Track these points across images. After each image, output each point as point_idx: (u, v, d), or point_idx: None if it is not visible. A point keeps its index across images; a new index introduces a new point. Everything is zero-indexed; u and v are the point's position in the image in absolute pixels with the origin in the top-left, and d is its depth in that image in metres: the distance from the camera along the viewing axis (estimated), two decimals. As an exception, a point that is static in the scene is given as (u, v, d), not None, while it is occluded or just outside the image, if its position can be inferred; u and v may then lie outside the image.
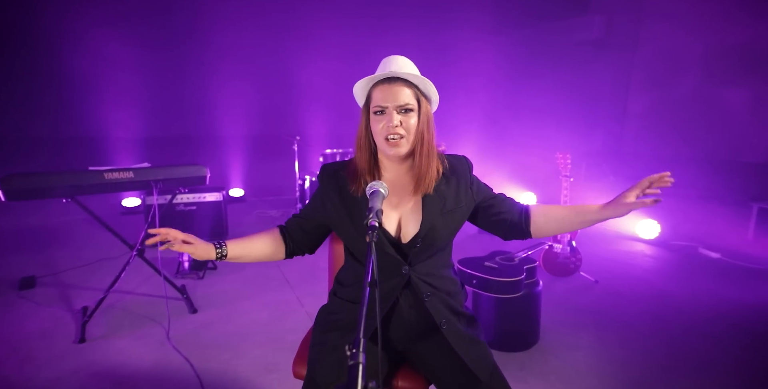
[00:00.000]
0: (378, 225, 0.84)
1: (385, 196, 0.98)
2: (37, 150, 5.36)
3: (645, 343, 2.42)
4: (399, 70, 1.07)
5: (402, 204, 1.14)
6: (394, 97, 1.06)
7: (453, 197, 1.15)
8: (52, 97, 5.83)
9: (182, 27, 6.48)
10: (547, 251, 3.30)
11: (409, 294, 1.13)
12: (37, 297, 2.85)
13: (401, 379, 1.17)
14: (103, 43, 6.01)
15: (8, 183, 1.93)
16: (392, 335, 1.16)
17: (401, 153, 1.08)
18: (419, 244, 1.10)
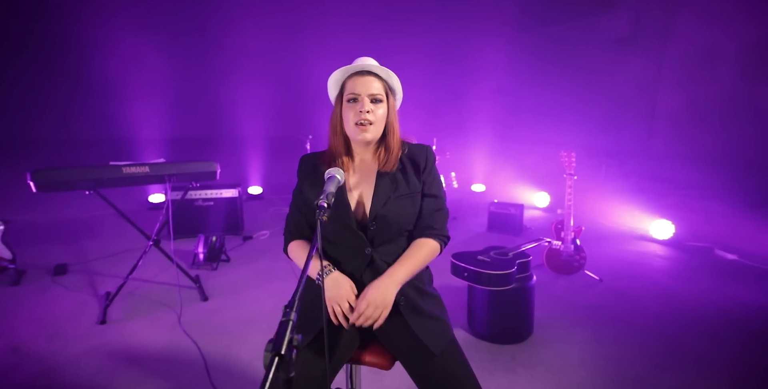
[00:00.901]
0: (328, 206, 0.93)
1: (341, 182, 1.08)
2: (69, 149, 5.74)
3: (642, 341, 2.43)
4: (376, 66, 1.21)
5: (366, 188, 1.25)
6: (366, 87, 1.19)
7: (405, 183, 1.25)
8: (83, 100, 6.24)
9: (205, 33, 6.81)
10: (550, 249, 3.31)
11: (372, 273, 1.22)
12: (67, 283, 3.10)
13: (369, 355, 1.26)
14: (132, 49, 6.39)
15: (38, 176, 2.15)
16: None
17: (367, 138, 1.20)
18: (373, 227, 1.20)
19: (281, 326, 0.67)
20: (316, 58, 7.38)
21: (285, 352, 0.63)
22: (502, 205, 4.44)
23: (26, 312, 2.67)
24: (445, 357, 1.18)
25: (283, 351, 0.63)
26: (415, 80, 7.49)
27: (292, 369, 0.65)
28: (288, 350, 0.64)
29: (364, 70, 1.21)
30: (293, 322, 0.68)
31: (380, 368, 1.27)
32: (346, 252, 1.23)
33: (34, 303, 2.80)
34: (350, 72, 1.22)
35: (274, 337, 0.65)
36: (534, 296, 2.45)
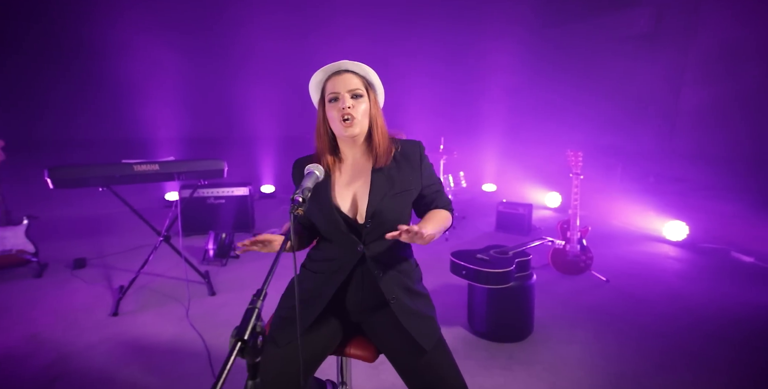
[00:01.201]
0: (303, 201, 0.97)
1: (319, 178, 1.11)
2: (87, 149, 5.95)
3: (644, 341, 2.40)
4: (354, 64, 1.23)
5: (358, 186, 1.27)
6: (345, 84, 1.21)
7: (401, 181, 1.27)
8: (101, 100, 6.48)
9: (217, 34, 6.97)
10: (556, 249, 3.29)
11: (363, 270, 1.25)
12: (85, 276, 3.25)
13: (353, 347, 1.30)
14: (147, 50, 6.59)
15: (55, 173, 2.27)
16: (347, 306, 1.29)
17: (354, 132, 1.21)
18: (369, 224, 1.22)
19: (247, 313, 0.71)
20: (328, 58, 7.46)
21: (248, 338, 0.68)
22: (510, 205, 4.42)
23: (46, 303, 2.81)
24: (434, 354, 1.20)
25: (246, 336, 0.68)
26: (424, 80, 7.50)
27: (257, 354, 0.70)
28: (252, 336, 0.68)
29: (341, 69, 1.24)
30: (258, 310, 0.73)
31: (364, 360, 1.31)
32: (338, 249, 1.26)
33: (54, 294, 2.94)
34: (328, 73, 1.25)
35: (239, 324, 0.70)
36: (534, 295, 2.45)
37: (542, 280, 3.28)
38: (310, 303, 1.24)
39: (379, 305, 1.27)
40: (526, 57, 7.33)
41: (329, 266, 1.26)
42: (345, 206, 1.25)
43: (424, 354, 1.19)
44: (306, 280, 1.30)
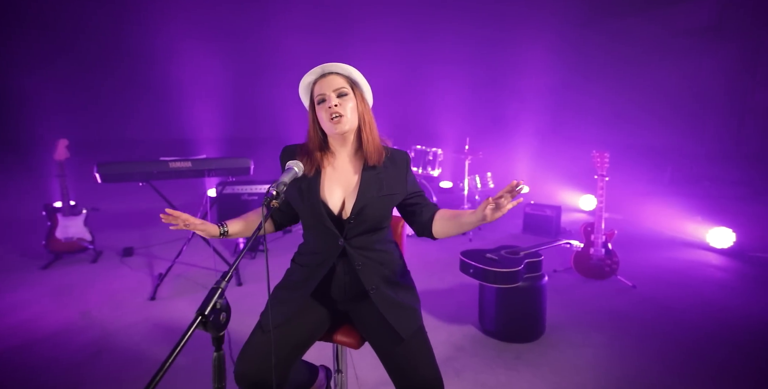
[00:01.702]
0: (277, 194, 1.06)
1: (297, 174, 1.20)
2: (137, 147, 6.49)
3: (666, 350, 2.32)
4: (338, 66, 1.30)
5: (347, 184, 1.34)
6: (329, 85, 1.28)
7: (389, 184, 1.33)
8: (147, 102, 7.06)
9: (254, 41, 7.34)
10: (579, 252, 3.22)
11: (345, 262, 1.34)
12: (131, 263, 3.58)
13: (340, 334, 1.40)
14: (190, 56, 7.07)
15: (102, 168, 2.56)
16: (333, 295, 1.38)
17: (344, 129, 1.28)
18: (353, 221, 1.30)
19: (210, 292, 0.83)
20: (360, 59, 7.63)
21: (209, 313, 0.79)
22: (538, 207, 4.34)
23: (98, 285, 3.14)
24: (412, 343, 1.27)
25: (207, 312, 0.79)
26: (450, 80, 7.44)
27: (219, 329, 0.81)
28: (213, 312, 0.80)
29: (325, 72, 1.31)
30: (222, 290, 0.84)
31: (350, 347, 1.40)
32: (320, 241, 1.35)
33: (104, 278, 3.28)
34: (314, 77, 1.32)
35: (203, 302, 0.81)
36: (545, 296, 2.43)
37: (563, 283, 3.22)
38: (295, 293, 1.34)
39: (362, 295, 1.35)
40: (563, 55, 7.08)
41: (314, 259, 1.36)
42: (332, 201, 1.32)
43: (401, 342, 1.26)
44: (294, 273, 1.41)
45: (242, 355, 1.22)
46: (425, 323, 1.38)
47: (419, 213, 1.37)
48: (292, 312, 1.30)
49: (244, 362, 1.20)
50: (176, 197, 3.12)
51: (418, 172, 4.33)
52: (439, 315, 2.72)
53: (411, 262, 3.91)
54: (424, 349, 1.29)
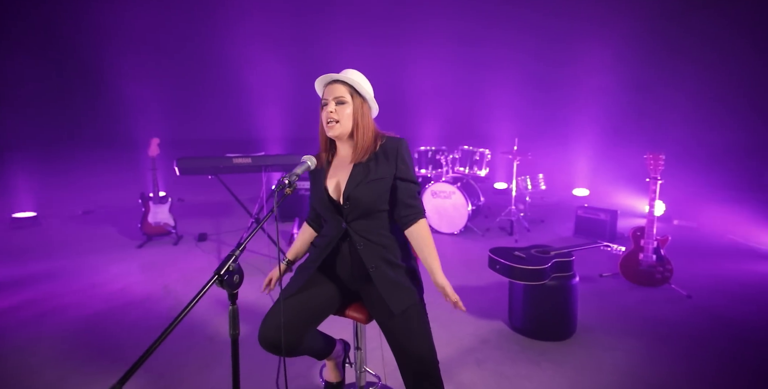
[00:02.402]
0: (289, 183, 1.28)
1: (310, 167, 1.41)
2: (213, 146, 7.24)
3: (712, 361, 2.21)
4: (341, 75, 1.48)
5: (344, 174, 1.52)
6: (331, 93, 1.47)
7: (376, 170, 1.48)
8: (225, 105, 7.87)
9: (318, 45, 7.80)
10: (627, 257, 3.10)
11: (348, 244, 1.52)
12: (204, 247, 4.10)
13: (351, 310, 1.59)
14: (260, 62, 7.73)
15: (180, 163, 3.02)
16: (340, 274, 1.57)
17: (335, 134, 1.47)
18: (347, 205, 1.47)
19: (226, 258, 1.06)
20: (413, 60, 7.78)
21: (223, 273, 1.03)
22: (591, 210, 4.18)
23: (178, 264, 3.67)
24: (405, 318, 1.43)
25: (222, 272, 1.02)
26: (503, 80, 7.25)
27: (233, 288, 1.04)
28: (227, 273, 1.03)
29: (331, 80, 1.49)
30: (236, 256, 1.07)
31: (359, 321, 1.59)
32: (329, 226, 1.56)
33: (183, 258, 3.81)
34: (324, 83, 1.51)
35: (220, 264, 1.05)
36: (575, 296, 2.42)
37: (607, 288, 3.13)
38: (307, 269, 1.56)
39: (367, 274, 1.52)
40: (630, 51, 6.60)
41: (323, 241, 1.57)
42: (332, 190, 1.52)
43: (393, 317, 1.42)
44: (311, 254, 1.63)
45: (264, 321, 1.46)
46: (451, 316, 1.52)
47: (397, 202, 1.51)
48: (302, 284, 1.51)
49: (265, 327, 1.44)
50: (242, 191, 3.54)
51: (465, 172, 4.39)
52: (470, 309, 2.81)
53: (452, 259, 4.02)
54: (418, 325, 1.44)
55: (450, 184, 4.16)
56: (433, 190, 4.27)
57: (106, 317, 2.75)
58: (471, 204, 4.14)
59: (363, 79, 1.52)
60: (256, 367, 2.19)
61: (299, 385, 2.08)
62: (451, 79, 7.58)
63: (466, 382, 2.07)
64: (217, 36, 7.87)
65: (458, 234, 4.30)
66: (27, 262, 3.71)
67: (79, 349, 2.38)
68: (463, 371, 2.16)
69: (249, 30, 7.83)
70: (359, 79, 1.51)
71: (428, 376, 1.43)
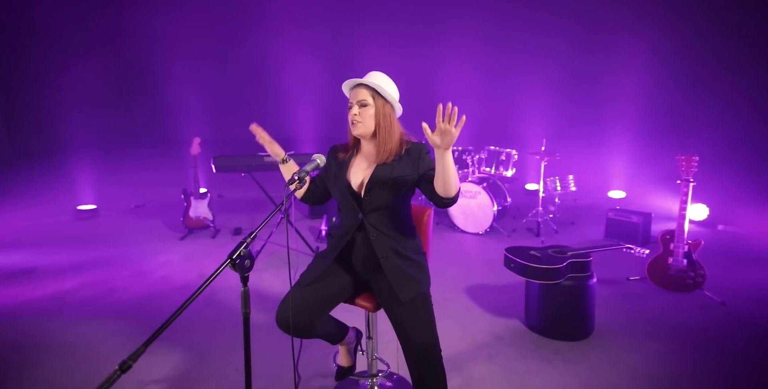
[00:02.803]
0: (299, 180, 1.40)
1: (319, 165, 1.53)
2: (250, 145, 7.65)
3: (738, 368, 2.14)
4: (364, 80, 1.58)
5: (368, 169, 1.62)
6: (355, 96, 1.58)
7: (399, 169, 1.57)
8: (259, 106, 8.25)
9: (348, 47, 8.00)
10: (655, 261, 3.01)
11: (363, 234, 1.61)
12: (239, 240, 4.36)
13: (360, 299, 1.70)
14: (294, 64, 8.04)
15: (216, 161, 3.26)
16: (354, 265, 1.67)
17: (358, 133, 1.58)
18: (367, 197, 1.57)
19: (238, 244, 1.20)
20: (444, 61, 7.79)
21: (236, 258, 1.16)
22: (622, 212, 4.05)
23: (214, 255, 3.93)
24: (412, 307, 1.52)
25: (234, 256, 1.16)
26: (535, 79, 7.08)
27: (244, 271, 1.18)
28: (238, 257, 1.17)
29: (356, 83, 1.60)
30: (247, 243, 1.21)
31: (367, 310, 1.70)
32: (345, 216, 1.66)
33: (219, 250, 4.08)
34: (350, 86, 1.63)
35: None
36: (592, 297, 2.41)
37: (633, 291, 3.07)
38: (324, 259, 1.68)
39: (380, 267, 1.62)
40: (668, 48, 6.27)
41: (340, 231, 1.68)
42: (354, 182, 1.62)
43: (400, 305, 1.51)
44: (329, 243, 1.75)
45: (281, 305, 1.60)
46: (469, 313, 1.57)
47: (427, 185, 1.54)
48: (319, 273, 1.64)
49: (281, 310, 1.58)
50: (274, 188, 3.74)
51: (490, 172, 4.39)
52: (488, 307, 2.84)
53: (476, 258, 4.07)
54: (424, 315, 1.53)
55: (476, 184, 4.17)
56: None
57: (150, 301, 3.02)
58: (497, 205, 4.14)
59: (386, 82, 1.61)
60: (279, 351, 2.36)
61: (316, 369, 2.21)
62: (480, 79, 7.55)
63: (476, 376, 2.13)
64: (256, 42, 8.32)
65: (483, 235, 4.31)
66: (87, 250, 4.10)
67: (127, 327, 2.65)
68: (474, 365, 2.22)
69: (285, 35, 8.22)
70: (382, 82, 1.59)
71: (430, 364, 1.51)
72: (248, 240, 1.22)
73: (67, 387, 2.12)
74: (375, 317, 1.88)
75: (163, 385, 2.11)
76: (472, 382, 2.08)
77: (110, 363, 2.26)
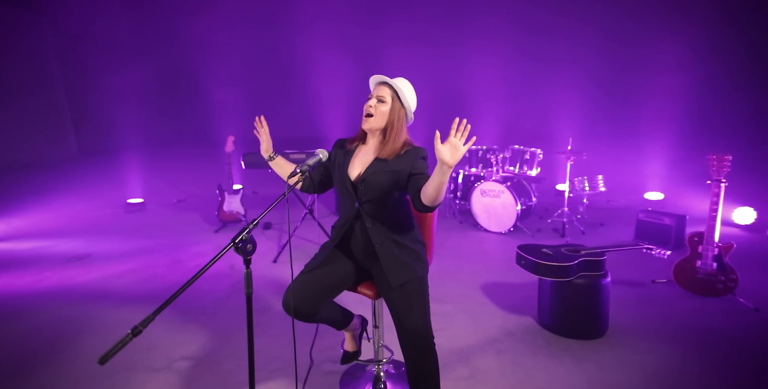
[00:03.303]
0: (300, 172, 1.51)
1: (321, 160, 1.63)
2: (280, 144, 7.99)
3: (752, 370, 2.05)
4: (390, 80, 1.68)
5: (365, 160, 1.71)
6: (377, 91, 1.68)
7: (394, 164, 1.64)
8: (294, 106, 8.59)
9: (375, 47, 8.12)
10: (681, 264, 2.90)
11: (360, 223, 1.70)
12: (268, 234, 4.57)
13: (362, 287, 1.79)
14: (327, 66, 8.27)
15: (245, 157, 3.46)
16: (354, 253, 1.76)
17: (367, 127, 1.67)
18: (362, 187, 1.65)
19: (242, 229, 1.32)
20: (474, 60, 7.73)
21: (238, 242, 1.28)
22: (654, 214, 3.89)
23: (244, 248, 4.16)
24: (404, 292, 1.60)
25: (237, 240, 1.28)
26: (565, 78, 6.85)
27: (246, 254, 1.30)
28: (240, 242, 1.29)
29: (381, 81, 1.70)
30: (249, 229, 1.32)
31: (368, 297, 1.79)
32: (344, 204, 1.75)
33: (249, 243, 4.30)
34: (375, 82, 1.72)
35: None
36: (605, 296, 2.37)
37: (658, 294, 2.97)
38: (326, 247, 1.79)
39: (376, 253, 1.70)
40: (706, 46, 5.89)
41: (340, 221, 1.78)
42: (352, 172, 1.71)
43: (392, 289, 1.59)
44: (332, 233, 1.86)
45: (287, 290, 1.72)
46: (483, 309, 1.61)
47: (413, 185, 1.61)
48: (321, 260, 1.75)
49: (287, 294, 1.70)
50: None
51: (514, 171, 4.34)
52: (502, 304, 2.85)
53: (495, 257, 4.08)
54: (416, 300, 1.60)
55: (499, 183, 4.16)
56: (482, 188, 4.29)
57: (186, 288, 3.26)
58: (520, 204, 4.10)
59: (409, 90, 1.70)
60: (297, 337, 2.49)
61: (328, 355, 2.33)
62: (508, 78, 7.46)
63: (482, 368, 2.17)
64: (287, 45, 8.74)
65: (506, 234, 4.28)
66: (133, 239, 4.46)
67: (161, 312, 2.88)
68: (482, 358, 2.25)
69: (318, 39, 8.55)
70: (405, 87, 1.68)
71: (421, 348, 1.58)
72: (251, 226, 1.34)
73: (107, 363, 2.35)
74: (381, 307, 1.96)
75: (190, 362, 2.29)
76: (477, 374, 2.12)
77: (141, 339, 2.48)
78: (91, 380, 2.15)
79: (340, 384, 2.08)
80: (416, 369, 1.59)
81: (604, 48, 6.77)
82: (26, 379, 2.17)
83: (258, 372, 2.16)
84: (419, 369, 1.59)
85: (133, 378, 2.17)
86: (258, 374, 2.14)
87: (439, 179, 1.38)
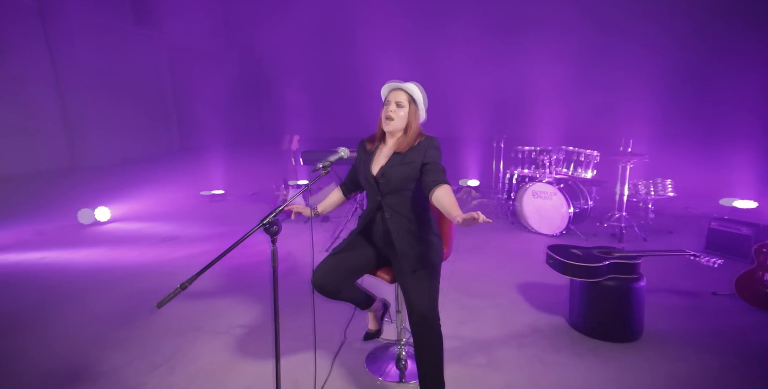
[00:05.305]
0: (322, 167, 1.73)
1: (343, 157, 1.83)
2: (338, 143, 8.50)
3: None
4: (404, 86, 1.86)
5: (385, 157, 1.88)
6: (394, 97, 1.86)
7: (410, 156, 1.81)
8: (353, 107, 9.11)
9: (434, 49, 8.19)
10: (745, 276, 2.68)
11: (381, 215, 1.88)
12: (326, 227, 4.92)
13: (381, 271, 1.98)
14: (384, 68, 8.56)
15: (303, 155, 3.83)
16: (375, 240, 1.95)
17: (389, 129, 1.85)
18: (382, 181, 1.83)
19: (270, 213, 1.59)
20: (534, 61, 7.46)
21: (266, 223, 1.55)
22: (729, 223, 3.55)
23: (302, 237, 4.55)
24: (416, 277, 1.76)
25: (265, 221, 1.55)
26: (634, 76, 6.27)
27: (273, 234, 1.56)
28: (268, 223, 1.55)
29: (396, 87, 1.88)
30: (275, 213, 1.58)
31: (386, 281, 1.98)
32: (369, 197, 1.95)
33: (307, 233, 4.69)
34: (390, 89, 1.90)
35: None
36: (638, 300, 2.31)
37: (714, 306, 2.77)
38: (353, 234, 2.01)
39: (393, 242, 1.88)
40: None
41: (365, 212, 1.99)
42: (374, 169, 1.90)
43: (407, 274, 1.76)
44: (358, 223, 2.07)
45: (315, 270, 1.97)
46: (515, 306, 2.04)
47: (424, 176, 1.77)
48: (345, 245, 1.97)
49: (316, 273, 1.95)
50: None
51: (568, 173, 4.21)
52: (535, 303, 2.87)
53: (539, 258, 4.05)
54: (426, 285, 1.76)
55: (551, 185, 4.07)
56: (534, 190, 4.24)
57: (247, 270, 3.70)
58: (573, 207, 3.98)
59: (420, 92, 1.88)
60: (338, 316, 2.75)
61: (358, 336, 2.55)
62: (570, 77, 7.10)
63: (500, 358, 2.25)
64: (352, 51, 9.26)
65: (557, 236, 4.18)
66: (213, 226, 5.10)
67: (228, 285, 3.34)
68: (503, 349, 2.33)
69: (377, 43, 8.95)
70: (417, 90, 1.88)
71: (428, 328, 1.74)
72: (278, 210, 1.61)
73: (182, 323, 2.81)
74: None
75: (244, 330, 2.67)
76: (494, 363, 2.21)
77: (209, 307, 2.94)
78: (169, 334, 2.61)
79: (366, 360, 2.29)
80: (422, 346, 1.75)
81: (679, 44, 6.18)
82: (130, 326, 2.70)
83: (297, 342, 2.47)
84: (424, 346, 1.75)
85: (200, 337, 2.59)
86: (298, 344, 2.45)
87: (448, 213, 1.57)
